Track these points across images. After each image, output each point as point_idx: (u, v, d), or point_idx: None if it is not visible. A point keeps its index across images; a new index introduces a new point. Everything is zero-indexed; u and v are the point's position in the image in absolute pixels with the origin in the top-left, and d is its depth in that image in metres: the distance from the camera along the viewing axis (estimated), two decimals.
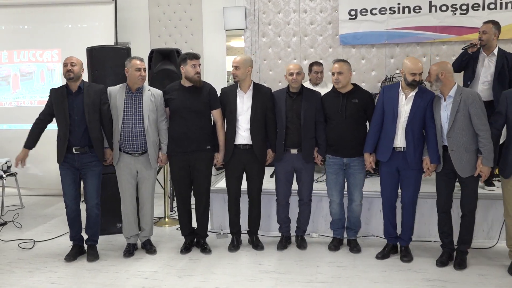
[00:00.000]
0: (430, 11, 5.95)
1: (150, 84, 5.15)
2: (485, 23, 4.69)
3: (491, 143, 3.77)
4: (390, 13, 6.05)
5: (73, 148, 4.20)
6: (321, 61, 5.90)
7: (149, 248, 4.54)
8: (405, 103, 4.04)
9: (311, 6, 6.30)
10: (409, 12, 6.01)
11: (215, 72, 6.53)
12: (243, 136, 4.36)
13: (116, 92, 4.33)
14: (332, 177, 4.39)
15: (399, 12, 6.03)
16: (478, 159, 3.82)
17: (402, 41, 6.07)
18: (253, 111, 4.34)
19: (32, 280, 3.98)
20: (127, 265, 4.23)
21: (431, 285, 3.75)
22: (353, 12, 6.14)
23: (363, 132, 4.28)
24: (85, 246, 4.46)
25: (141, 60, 4.33)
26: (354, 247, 4.45)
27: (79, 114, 4.19)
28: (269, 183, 4.74)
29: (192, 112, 4.28)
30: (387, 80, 5.89)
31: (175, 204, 4.97)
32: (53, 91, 4.30)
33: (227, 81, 6.69)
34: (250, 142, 4.35)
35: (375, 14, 6.09)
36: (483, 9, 5.81)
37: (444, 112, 3.89)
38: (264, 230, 4.81)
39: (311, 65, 5.68)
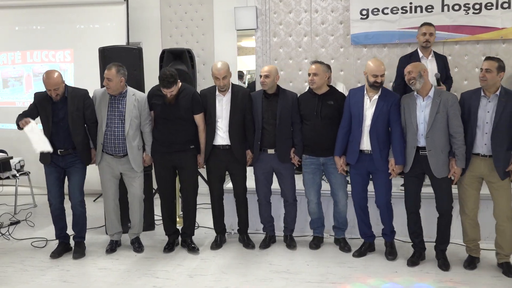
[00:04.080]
0: (442, 10, 5.89)
1: None
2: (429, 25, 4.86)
3: (465, 145, 3.85)
4: (402, 13, 6.00)
5: (58, 150, 4.29)
6: (332, 61, 5.91)
7: (136, 246, 4.60)
8: (369, 106, 4.11)
9: (323, 6, 6.27)
10: (421, 11, 5.95)
11: None
12: (222, 137, 4.43)
13: (101, 95, 4.39)
14: (309, 176, 4.45)
15: (411, 12, 5.98)
16: (451, 160, 3.89)
17: (414, 40, 5.95)
18: (231, 113, 4.40)
19: (45, 278, 4.02)
20: (138, 264, 4.25)
21: (443, 286, 3.72)
22: (364, 12, 6.10)
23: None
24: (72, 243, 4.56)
25: (110, 68, 4.26)
26: (345, 246, 4.50)
27: (64, 120, 4.27)
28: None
29: (175, 118, 4.33)
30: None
31: None
32: (37, 96, 4.35)
33: (237, 81, 6.70)
34: (229, 143, 4.41)
35: (387, 13, 6.04)
36: (497, 8, 5.74)
37: (421, 113, 3.92)
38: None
39: None
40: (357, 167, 4.20)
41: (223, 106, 4.42)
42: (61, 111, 4.27)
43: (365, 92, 4.15)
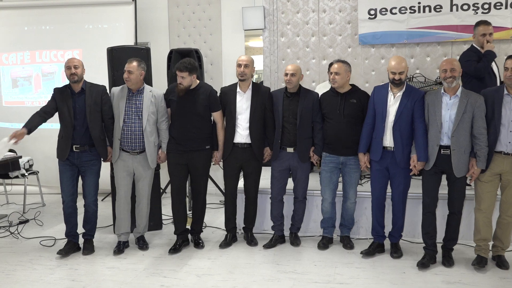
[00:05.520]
0: (451, 10, 5.87)
1: (169, 84, 5.19)
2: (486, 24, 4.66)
3: (487, 146, 3.85)
4: (410, 12, 5.98)
5: (74, 146, 4.31)
6: None
7: (141, 244, 4.63)
8: (393, 103, 4.11)
9: (330, 6, 6.27)
10: (430, 11, 5.94)
11: (234, 72, 6.50)
12: (242, 135, 4.44)
13: (118, 92, 4.43)
14: (327, 175, 4.45)
15: (419, 11, 5.96)
16: (471, 160, 3.91)
17: (422, 40, 6.00)
18: (252, 110, 4.41)
19: (53, 277, 4.04)
20: (146, 264, 4.26)
21: None
22: (372, 12, 6.09)
23: (360, 131, 4.30)
24: (82, 240, 4.59)
25: (131, 62, 4.33)
26: (348, 244, 4.52)
27: (81, 114, 4.31)
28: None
29: (191, 114, 4.35)
30: (407, 80, 5.82)
31: None
32: (57, 91, 4.42)
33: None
34: (248, 141, 4.44)
35: (395, 13, 6.03)
36: (506, 8, 5.71)
37: (447, 111, 3.91)
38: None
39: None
40: (379, 164, 4.20)
41: (243, 102, 4.44)
42: (79, 104, 4.31)
43: (389, 89, 4.15)
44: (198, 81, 4.44)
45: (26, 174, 6.07)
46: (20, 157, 6.01)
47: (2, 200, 6.42)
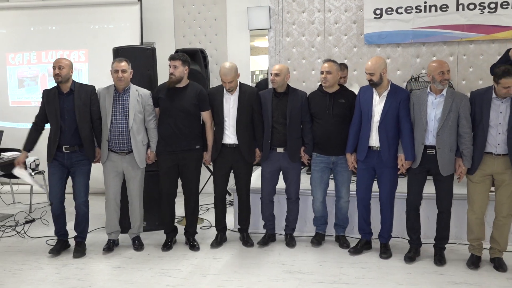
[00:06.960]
0: (457, 9, 5.83)
1: None
2: None
3: (472, 145, 3.88)
4: (416, 12, 5.96)
5: (63, 147, 4.31)
6: (345, 61, 5.89)
7: (137, 245, 4.62)
8: (378, 103, 4.13)
9: (336, 5, 6.25)
10: (436, 10, 5.90)
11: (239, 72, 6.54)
12: (230, 137, 4.44)
13: (105, 92, 4.42)
14: (318, 175, 4.47)
15: (425, 11, 5.93)
16: (457, 160, 3.94)
17: (428, 40, 5.97)
18: (239, 112, 4.41)
19: (59, 276, 4.05)
20: (152, 263, 4.27)
21: None
22: (378, 11, 6.07)
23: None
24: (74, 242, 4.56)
25: (121, 61, 4.33)
26: (344, 243, 4.54)
27: (70, 115, 4.30)
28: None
29: (180, 112, 4.35)
30: (413, 79, 5.81)
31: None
32: (45, 92, 4.45)
33: (251, 81, 6.70)
34: (237, 142, 4.43)
35: (401, 13, 6.00)
36: None
37: (432, 110, 3.94)
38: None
39: None
40: (364, 163, 4.22)
41: (230, 105, 4.44)
42: (67, 105, 4.31)
43: (373, 89, 4.16)
44: (188, 80, 4.45)
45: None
46: (27, 156, 6.03)
47: (9, 200, 6.45)
